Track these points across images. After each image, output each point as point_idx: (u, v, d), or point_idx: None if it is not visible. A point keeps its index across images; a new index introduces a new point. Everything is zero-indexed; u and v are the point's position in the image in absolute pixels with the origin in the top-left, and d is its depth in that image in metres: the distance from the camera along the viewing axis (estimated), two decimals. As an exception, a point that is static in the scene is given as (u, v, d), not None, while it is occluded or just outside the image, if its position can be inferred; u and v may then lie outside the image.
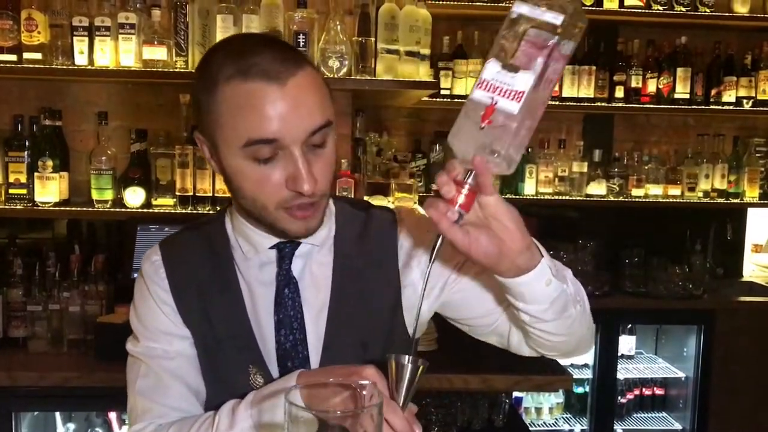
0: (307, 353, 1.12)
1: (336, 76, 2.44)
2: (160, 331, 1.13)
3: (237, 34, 1.94)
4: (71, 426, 2.52)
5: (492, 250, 0.91)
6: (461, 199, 0.88)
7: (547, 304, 1.01)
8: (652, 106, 3.50)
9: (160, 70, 2.45)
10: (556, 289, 1.00)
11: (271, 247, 1.12)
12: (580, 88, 3.43)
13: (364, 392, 0.79)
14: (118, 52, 2.47)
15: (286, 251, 1.12)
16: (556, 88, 3.42)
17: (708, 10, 3.40)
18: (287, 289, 1.12)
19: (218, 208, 2.53)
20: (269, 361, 1.12)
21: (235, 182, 1.02)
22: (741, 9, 3.44)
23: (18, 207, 2.52)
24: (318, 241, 1.13)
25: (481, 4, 3.31)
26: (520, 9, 0.85)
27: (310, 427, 0.73)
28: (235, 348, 1.12)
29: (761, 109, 3.57)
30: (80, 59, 2.46)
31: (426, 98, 3.15)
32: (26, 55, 2.45)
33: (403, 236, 1.18)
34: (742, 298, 3.53)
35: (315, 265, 1.15)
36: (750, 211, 3.82)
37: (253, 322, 1.12)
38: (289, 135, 0.95)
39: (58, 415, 2.50)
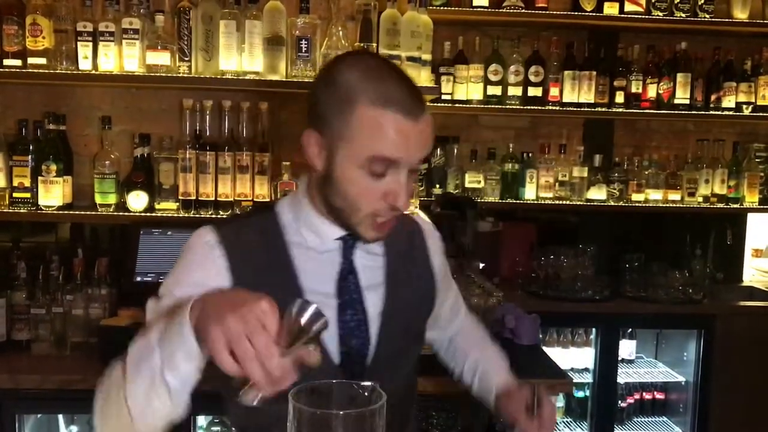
0: (368, 333, 1.27)
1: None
2: (194, 282, 1.15)
3: (364, 53, 2.07)
4: (74, 428, 2.53)
5: None
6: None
7: None
8: (652, 111, 3.52)
9: (163, 75, 2.48)
10: None
11: (337, 238, 1.25)
12: (581, 93, 3.45)
13: (366, 393, 0.80)
14: (121, 57, 2.49)
15: (350, 242, 1.26)
16: (556, 93, 3.44)
17: (708, 16, 3.42)
18: (351, 275, 1.27)
19: (220, 213, 2.56)
20: (328, 340, 1.22)
21: (340, 185, 1.16)
22: (740, 15, 3.46)
23: (22, 211, 2.53)
24: None
25: (482, 9, 3.33)
26: None
27: (315, 426, 0.75)
28: None
29: (761, 114, 3.58)
30: (84, 64, 2.48)
31: (427, 103, 3.16)
32: (31, 60, 2.47)
33: (432, 246, 1.45)
34: (743, 303, 3.53)
35: (369, 256, 1.30)
36: (750, 216, 3.83)
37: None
38: (407, 160, 1.14)
39: (61, 417, 2.51)
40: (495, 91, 3.42)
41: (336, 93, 1.14)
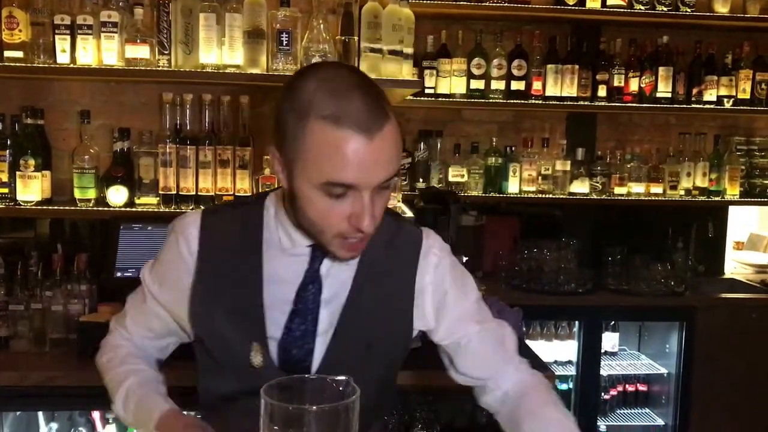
0: (313, 345, 1.21)
1: (319, 75, 2.45)
2: (167, 280, 1.27)
3: (330, 63, 1.74)
4: (54, 426, 2.50)
5: None
6: None
7: None
8: (634, 105, 3.53)
9: (142, 68, 2.45)
10: None
11: (309, 245, 1.20)
12: (563, 87, 3.45)
13: (341, 388, 0.79)
14: (100, 51, 2.46)
15: (318, 252, 1.20)
16: (539, 87, 3.44)
17: (689, 10, 3.44)
18: (312, 285, 1.21)
19: (201, 207, 2.53)
20: (272, 343, 1.21)
21: (300, 204, 1.10)
22: (722, 9, 3.47)
23: (0, 206, 2.50)
24: None
25: (465, 3, 3.32)
26: None
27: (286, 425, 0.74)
28: (242, 322, 1.20)
29: (742, 108, 3.61)
30: (62, 58, 2.45)
31: (410, 97, 3.16)
32: (7, 54, 2.44)
33: (425, 264, 1.28)
34: (724, 295, 3.57)
35: (340, 267, 1.22)
36: (731, 208, 3.87)
37: (267, 302, 1.21)
38: (365, 183, 1.04)
39: (40, 414, 2.48)
40: (478, 85, 3.42)
41: (292, 105, 1.06)
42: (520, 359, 1.37)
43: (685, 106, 3.58)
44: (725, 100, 3.57)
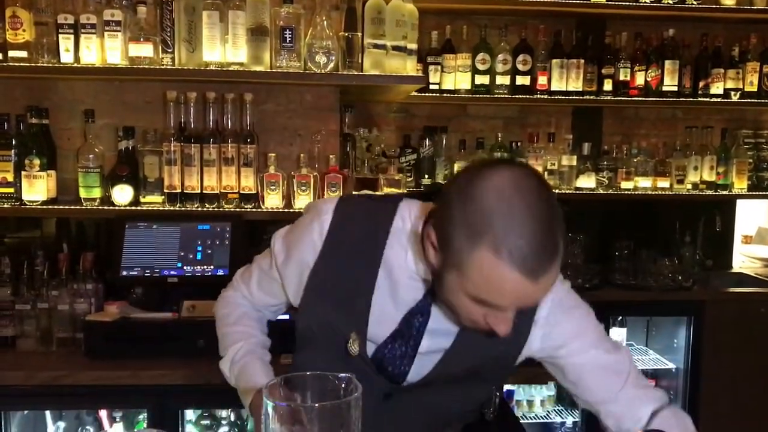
0: (409, 368, 1.26)
1: (323, 72, 2.44)
2: (293, 255, 1.31)
3: (509, 168, 1.19)
4: (61, 424, 2.51)
5: None
6: None
7: None
8: (640, 98, 3.51)
9: (146, 67, 2.45)
10: None
11: (426, 278, 1.21)
12: (569, 81, 3.43)
13: (342, 384, 0.79)
14: (104, 50, 2.46)
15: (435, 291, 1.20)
16: (544, 82, 3.42)
17: (695, 3, 3.41)
18: (421, 315, 1.24)
19: (206, 206, 2.53)
20: (370, 346, 1.26)
21: (444, 291, 1.12)
22: (728, 1, 3.45)
23: (5, 206, 2.50)
24: None
25: (469, -2, 3.31)
26: None
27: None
28: (348, 310, 1.26)
29: (749, 100, 3.58)
30: (66, 57, 2.45)
31: (415, 93, 3.15)
32: (11, 54, 2.44)
33: (545, 313, 1.27)
34: (732, 290, 3.55)
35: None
36: (739, 202, 3.84)
37: (374, 306, 1.25)
38: (513, 308, 1.09)
39: (48, 413, 2.49)
40: (483, 80, 3.41)
41: (466, 214, 1.04)
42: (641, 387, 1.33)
43: (691, 99, 3.56)
44: (732, 93, 3.55)
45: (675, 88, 3.51)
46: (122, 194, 2.53)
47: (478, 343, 1.21)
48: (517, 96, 3.44)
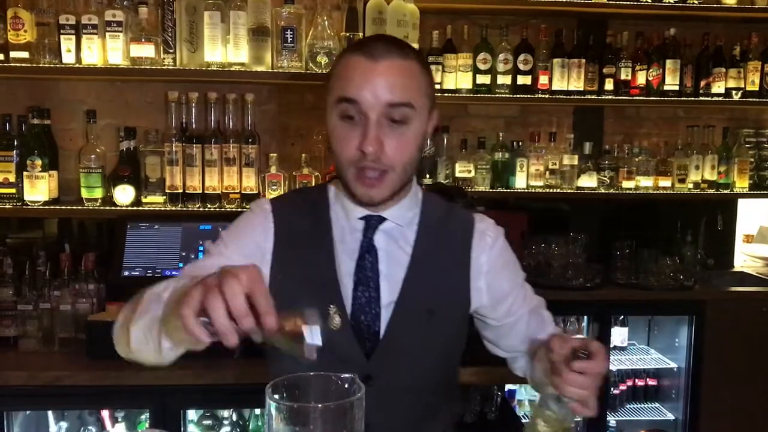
0: (379, 310, 1.29)
1: (324, 72, 2.44)
2: (240, 253, 1.27)
3: None
4: (64, 425, 2.52)
5: None
6: None
7: None
8: (641, 98, 3.50)
9: (148, 67, 2.45)
10: None
11: (361, 218, 1.30)
12: (570, 81, 3.43)
13: (345, 385, 0.79)
14: (105, 50, 2.46)
15: (372, 222, 1.31)
16: (546, 81, 3.42)
17: (696, 2, 3.40)
18: (368, 254, 1.30)
19: (208, 206, 2.54)
20: (346, 308, 1.28)
21: (330, 140, 1.24)
22: (729, 0, 3.44)
23: (7, 206, 2.51)
24: (403, 222, 1.33)
25: (470, -3, 3.31)
26: None
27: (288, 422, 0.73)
28: (318, 291, 1.28)
29: (750, 99, 3.57)
30: (68, 57, 2.46)
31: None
32: (13, 54, 2.45)
33: (481, 245, 1.36)
34: (733, 289, 3.54)
35: (397, 243, 1.33)
36: (740, 201, 3.83)
37: (339, 273, 1.29)
38: (367, 100, 1.17)
39: (50, 413, 2.49)
40: (484, 79, 3.40)
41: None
42: (554, 327, 1.44)
43: (693, 98, 3.55)
44: (733, 92, 3.54)
45: (676, 88, 3.50)
46: (124, 194, 2.54)
47: (429, 271, 1.31)
48: (518, 95, 3.44)
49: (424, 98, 1.24)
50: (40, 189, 2.51)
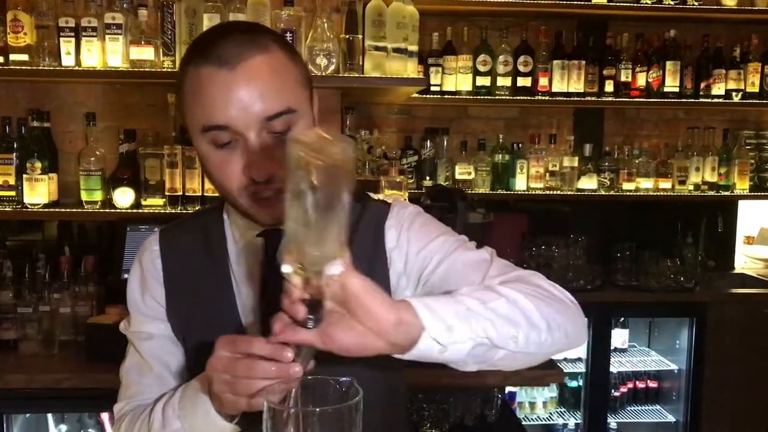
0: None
1: (324, 74, 2.44)
2: (144, 315, 1.16)
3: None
4: (63, 427, 2.52)
5: (352, 341, 0.81)
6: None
7: (463, 359, 0.89)
8: (641, 99, 3.51)
9: (147, 70, 2.45)
10: (460, 350, 0.86)
11: (259, 235, 1.08)
12: (570, 82, 3.43)
13: (344, 388, 0.79)
14: (105, 53, 2.46)
15: (272, 238, 1.06)
16: (546, 83, 3.42)
17: (696, 3, 3.41)
18: (274, 276, 1.07)
19: (208, 207, 2.53)
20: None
21: (204, 167, 1.03)
22: (729, 2, 3.44)
23: (7, 209, 2.51)
24: None
25: (470, -1, 3.31)
26: None
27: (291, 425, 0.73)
28: (221, 327, 1.09)
29: (750, 101, 3.58)
30: (67, 60, 2.46)
31: (416, 95, 3.15)
32: (13, 57, 2.45)
33: (390, 233, 1.15)
34: (734, 290, 3.54)
35: None
36: (741, 203, 3.83)
37: (241, 312, 1.13)
38: (240, 121, 0.95)
39: (50, 416, 2.49)
40: (484, 81, 3.40)
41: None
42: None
43: (693, 100, 3.56)
44: (734, 93, 3.54)
45: (676, 89, 3.50)
46: (123, 197, 2.54)
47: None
48: (518, 97, 3.44)
49: (302, 89, 1.02)
50: (39, 192, 2.51)
